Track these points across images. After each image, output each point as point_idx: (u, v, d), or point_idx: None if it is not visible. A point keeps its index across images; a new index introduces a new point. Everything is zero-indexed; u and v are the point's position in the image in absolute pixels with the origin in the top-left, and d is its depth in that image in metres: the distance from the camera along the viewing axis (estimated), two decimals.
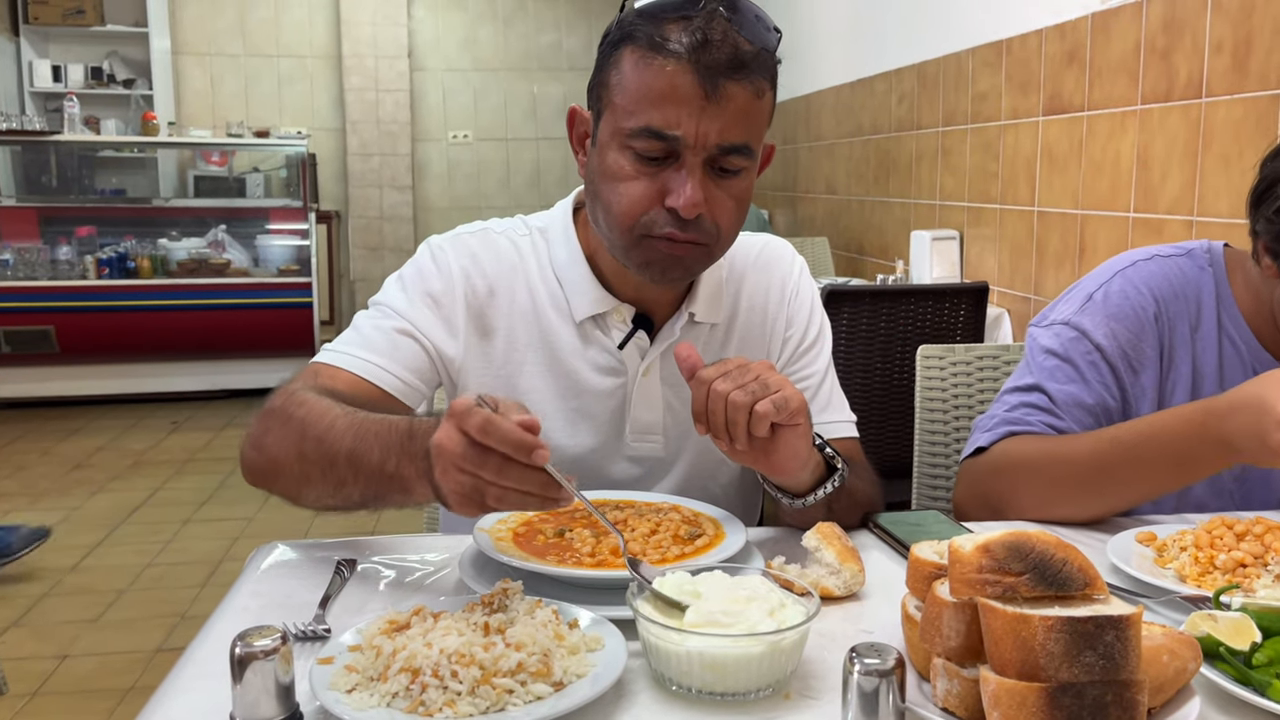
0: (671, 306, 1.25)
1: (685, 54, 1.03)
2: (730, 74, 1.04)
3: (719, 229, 1.11)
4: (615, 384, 1.24)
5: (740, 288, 1.30)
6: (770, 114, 1.13)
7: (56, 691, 2.66)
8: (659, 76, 1.05)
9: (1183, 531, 1.06)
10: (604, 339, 1.23)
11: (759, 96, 1.08)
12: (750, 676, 0.77)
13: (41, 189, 6.46)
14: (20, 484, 4.44)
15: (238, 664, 0.71)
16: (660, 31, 1.05)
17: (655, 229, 1.09)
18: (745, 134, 1.08)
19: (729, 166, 1.09)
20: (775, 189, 6.04)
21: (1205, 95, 2.36)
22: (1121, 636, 0.68)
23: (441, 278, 1.22)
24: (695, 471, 1.28)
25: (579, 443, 1.24)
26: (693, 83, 1.04)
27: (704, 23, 1.04)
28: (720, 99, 1.04)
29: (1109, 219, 2.76)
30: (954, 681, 0.75)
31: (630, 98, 1.07)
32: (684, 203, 1.06)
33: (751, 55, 1.05)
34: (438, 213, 8.35)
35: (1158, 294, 1.27)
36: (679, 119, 1.05)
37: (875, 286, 3.43)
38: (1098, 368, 1.25)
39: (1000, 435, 1.23)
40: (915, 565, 0.84)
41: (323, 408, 1.04)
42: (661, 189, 1.08)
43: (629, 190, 1.09)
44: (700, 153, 1.07)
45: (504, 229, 1.27)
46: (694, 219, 1.08)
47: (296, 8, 8.00)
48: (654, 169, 1.09)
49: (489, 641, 0.76)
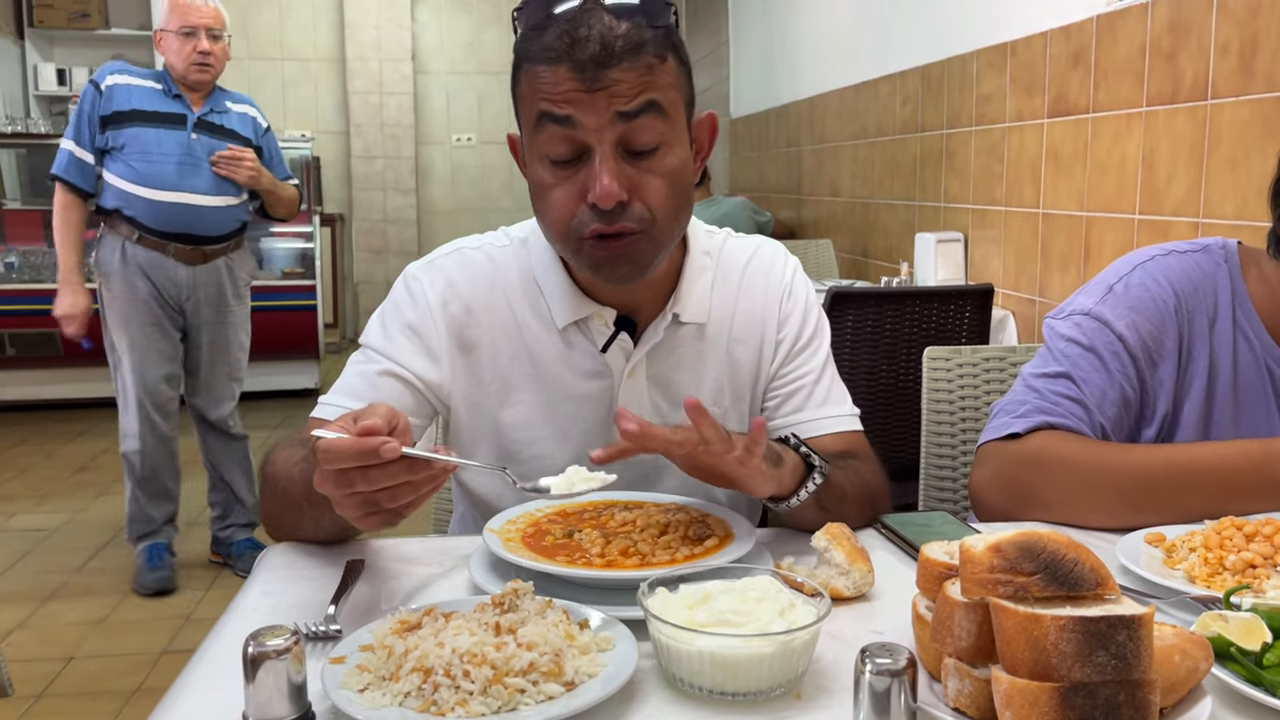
0: (655, 307, 1.24)
1: (563, 56, 1.05)
2: (606, 64, 1.04)
3: (652, 211, 1.10)
4: (601, 387, 1.24)
5: (734, 291, 1.29)
6: (680, 78, 1.11)
7: (62, 693, 2.66)
8: (545, 81, 1.06)
9: (1192, 532, 1.06)
10: (587, 344, 1.23)
11: (649, 71, 1.06)
12: (762, 676, 0.78)
13: (47, 192, 6.42)
14: (25, 486, 4.45)
15: (250, 663, 0.71)
16: (540, 43, 1.06)
17: (584, 230, 1.09)
18: (645, 96, 1.06)
19: (643, 144, 1.07)
20: (780, 191, 6.04)
21: (1211, 97, 2.36)
22: (1134, 636, 0.68)
23: (417, 308, 1.23)
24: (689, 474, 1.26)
25: (571, 448, 1.24)
26: (574, 79, 1.04)
27: (571, 24, 1.04)
28: (602, 86, 1.04)
29: (1115, 221, 2.76)
30: (965, 681, 0.75)
31: (529, 107, 1.09)
32: (599, 192, 1.06)
33: (627, 40, 1.04)
34: (441, 216, 8.36)
35: (1177, 287, 1.27)
36: (571, 111, 1.05)
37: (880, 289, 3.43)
38: (1120, 358, 1.25)
39: (1036, 424, 1.23)
40: (925, 565, 0.84)
41: (284, 462, 1.10)
42: (581, 188, 1.08)
43: (554, 198, 1.10)
44: (603, 136, 1.06)
45: (481, 243, 1.29)
46: (618, 208, 1.07)
47: (300, 11, 8.02)
48: (570, 171, 1.09)
49: (501, 641, 0.76)
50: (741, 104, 6.94)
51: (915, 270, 3.77)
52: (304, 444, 1.11)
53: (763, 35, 6.28)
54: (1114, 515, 1.17)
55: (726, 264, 1.30)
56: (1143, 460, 1.17)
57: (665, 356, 1.25)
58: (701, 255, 1.28)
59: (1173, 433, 1.27)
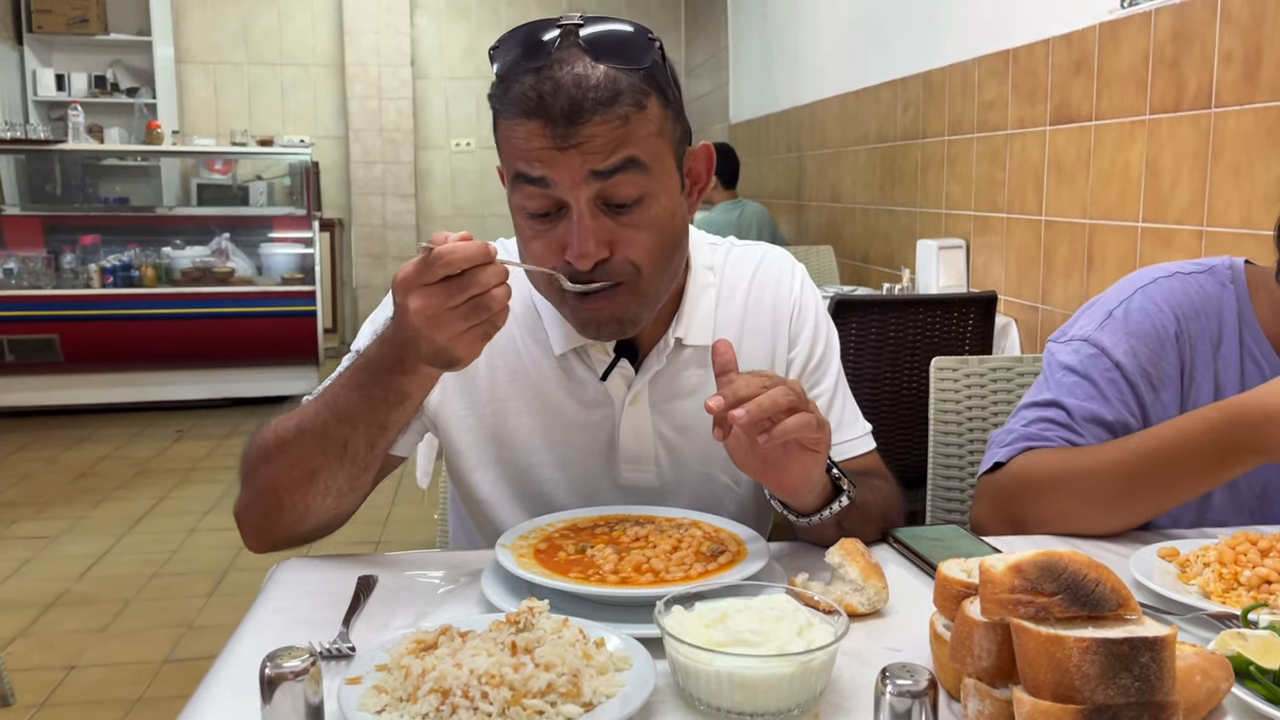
0: (657, 331, 1.20)
1: (533, 111, 1.01)
2: (576, 120, 1.00)
3: (635, 265, 1.06)
4: (602, 416, 1.21)
5: (739, 307, 1.25)
6: (665, 119, 1.07)
7: (64, 702, 2.65)
8: (518, 137, 1.03)
9: (1205, 547, 1.06)
10: (586, 372, 1.20)
11: (625, 122, 1.01)
12: (780, 697, 0.77)
13: (45, 198, 6.47)
14: (25, 493, 4.44)
15: (267, 685, 0.70)
16: (512, 93, 1.03)
17: (565, 285, 1.06)
18: (621, 154, 1.02)
19: (622, 197, 1.04)
20: (780, 197, 6.05)
21: (1215, 105, 2.36)
22: (1157, 658, 0.68)
23: None
24: (693, 501, 1.23)
25: (569, 475, 1.22)
26: (544, 136, 1.01)
27: (540, 77, 1.01)
28: (573, 144, 1.00)
29: (1118, 229, 2.76)
30: (986, 702, 0.74)
31: (506, 161, 1.07)
32: (577, 253, 1.03)
33: (599, 91, 1.00)
34: (440, 221, 8.36)
35: (1179, 311, 1.26)
36: (545, 171, 1.02)
37: (884, 296, 3.43)
38: (1117, 385, 1.24)
39: (1018, 450, 1.23)
40: (943, 584, 0.84)
41: (282, 420, 1.09)
42: (560, 244, 1.05)
43: (533, 250, 1.08)
44: (579, 193, 1.02)
45: None
46: (598, 266, 1.04)
47: (300, 16, 8.02)
48: (549, 224, 1.06)
49: (518, 662, 0.76)
50: (741, 109, 6.95)
51: (917, 277, 3.77)
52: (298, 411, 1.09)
53: (762, 40, 6.28)
54: (1105, 518, 1.17)
55: (731, 278, 1.26)
56: (1117, 457, 1.16)
57: (669, 382, 1.22)
58: (704, 272, 1.24)
59: None
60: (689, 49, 8.57)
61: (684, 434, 1.22)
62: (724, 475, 1.25)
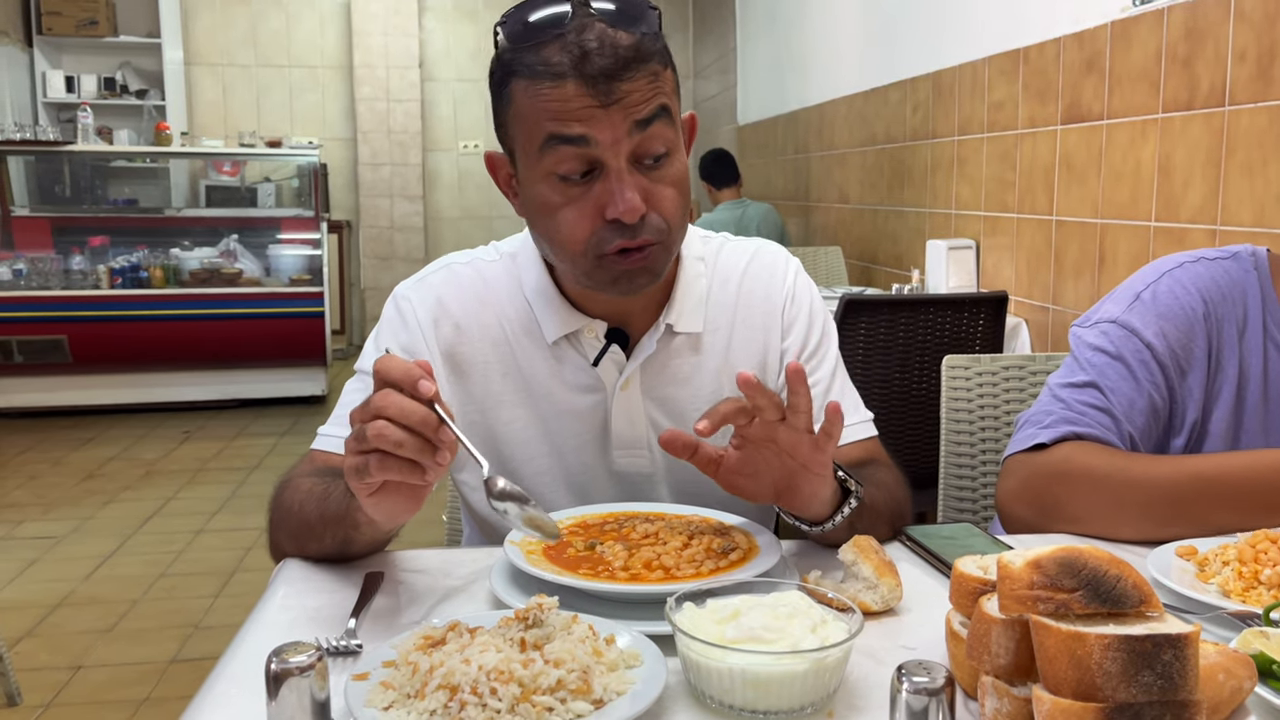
0: (649, 318, 1.22)
1: (569, 72, 1.02)
2: (619, 76, 1.02)
3: (667, 222, 1.09)
4: (594, 401, 1.22)
5: (731, 298, 1.26)
6: (676, 83, 1.11)
7: (71, 703, 2.65)
8: (552, 100, 1.03)
9: (1224, 546, 1.04)
10: (578, 358, 1.21)
11: (655, 78, 1.06)
12: (794, 694, 0.76)
13: (55, 199, 6.49)
14: (32, 494, 4.45)
15: (273, 680, 0.69)
16: (540, 57, 1.04)
17: (605, 246, 1.07)
18: (656, 105, 1.06)
19: (654, 151, 1.07)
20: (788, 198, 6.03)
21: (1228, 104, 2.34)
22: (1180, 656, 0.66)
23: (408, 330, 1.22)
24: (686, 485, 1.24)
25: (564, 463, 1.23)
26: (586, 95, 1.02)
27: (577, 35, 1.02)
28: (617, 99, 1.03)
29: (1129, 228, 2.74)
30: (1004, 700, 0.73)
31: (531, 125, 1.06)
32: (624, 209, 1.04)
33: (633, 50, 1.03)
34: (448, 222, 8.36)
35: (1206, 295, 1.25)
36: (582, 126, 1.03)
37: (894, 296, 3.41)
38: (1148, 366, 1.23)
39: (1062, 434, 1.21)
40: (959, 581, 0.82)
41: (302, 487, 1.10)
42: (596, 205, 1.06)
43: (565, 217, 1.08)
44: (620, 150, 1.05)
45: (470, 259, 1.27)
46: (640, 221, 1.06)
47: (308, 18, 8.03)
48: (582, 188, 1.07)
49: (527, 658, 0.74)
50: (749, 111, 6.93)
51: (926, 277, 3.75)
52: (317, 474, 1.11)
53: (770, 42, 6.27)
54: (1142, 529, 1.15)
55: (724, 270, 1.27)
56: (1169, 473, 1.15)
57: (660, 369, 1.23)
58: (695, 262, 1.25)
59: (1201, 442, 1.25)
60: (697, 50, 8.56)
61: (676, 420, 1.23)
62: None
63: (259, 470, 4.78)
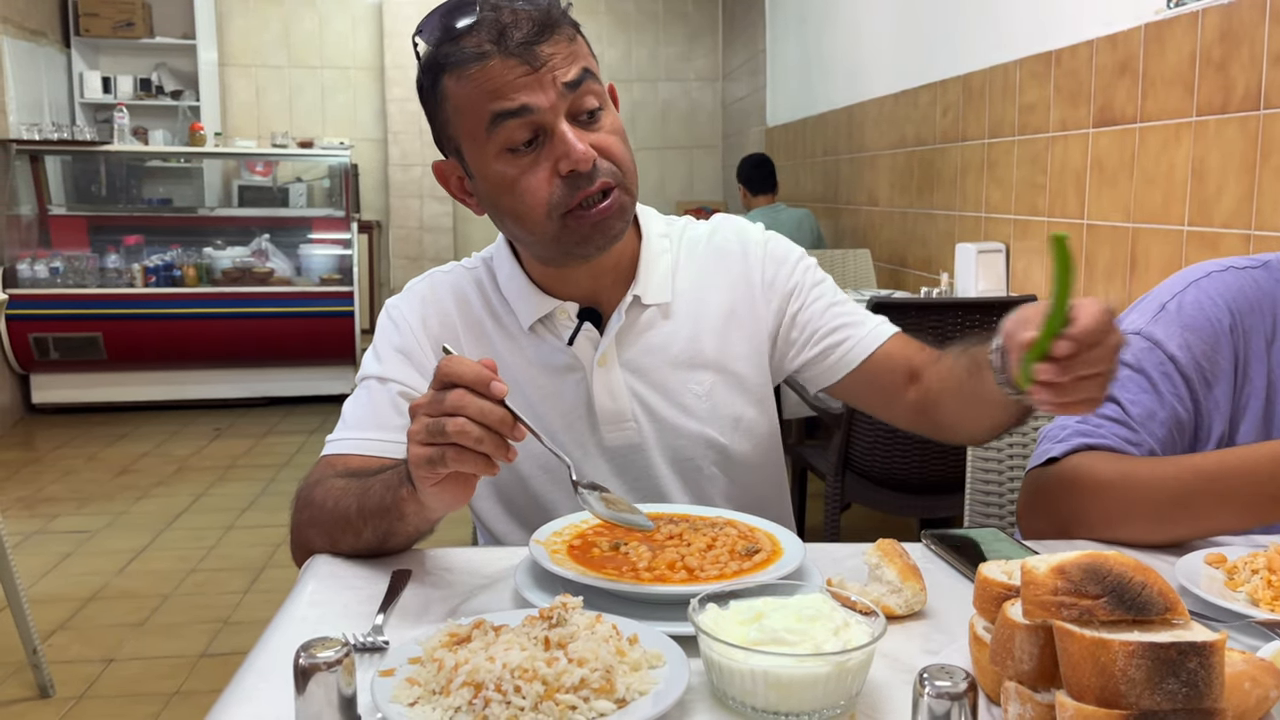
0: (617, 294, 1.27)
1: (493, 50, 1.10)
2: (537, 40, 1.10)
3: (617, 164, 1.16)
4: (575, 380, 1.27)
5: (699, 265, 1.31)
6: (591, 51, 1.18)
7: (102, 695, 2.69)
8: (484, 79, 1.10)
9: (1254, 554, 1.03)
10: (554, 339, 1.27)
11: (572, 40, 1.14)
12: (816, 697, 0.76)
13: (91, 198, 6.59)
14: (67, 488, 4.51)
15: (301, 675, 0.70)
16: (461, 47, 1.11)
17: (569, 201, 1.13)
18: (579, 65, 1.13)
19: (587, 107, 1.14)
20: (817, 200, 6.01)
21: (1264, 107, 2.31)
22: (1205, 664, 0.66)
23: (401, 333, 1.28)
24: (678, 455, 1.29)
25: (558, 444, 1.24)
26: (513, 65, 1.09)
27: (491, 15, 1.10)
28: (542, 62, 1.10)
29: (1162, 232, 2.71)
30: (1026, 706, 0.73)
31: (473, 110, 1.12)
32: (576, 156, 1.11)
33: (544, 15, 1.11)
34: (476, 224, 8.39)
35: (1233, 306, 1.23)
36: (520, 96, 1.10)
37: (923, 299, 3.40)
38: (1171, 379, 1.21)
39: (1073, 447, 1.20)
40: (983, 586, 0.82)
41: (335, 485, 1.12)
42: (549, 166, 1.13)
43: (524, 185, 1.14)
44: (558, 110, 1.11)
45: (450, 268, 1.35)
46: (593, 168, 1.12)
47: (340, 20, 8.10)
48: (531, 154, 1.13)
49: (551, 656, 0.75)
50: (778, 113, 6.92)
51: (956, 281, 3.73)
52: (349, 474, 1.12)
53: (800, 44, 6.26)
54: (1154, 531, 1.14)
55: (689, 243, 1.33)
56: (1173, 473, 1.14)
57: (633, 340, 1.27)
58: (659, 239, 1.31)
59: None
60: (726, 52, 8.56)
61: (656, 389, 1.28)
62: (703, 426, 1.29)
63: (288, 468, 4.83)
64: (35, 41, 6.45)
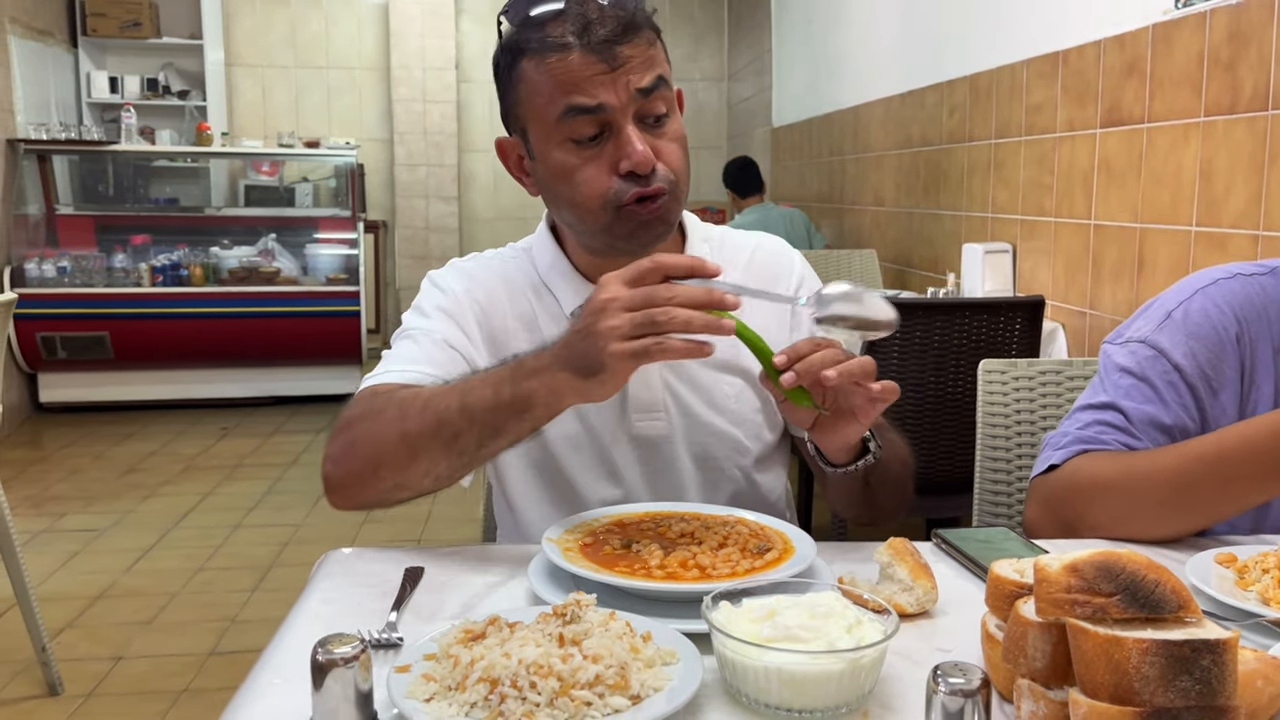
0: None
1: (575, 43, 1.12)
2: (620, 41, 1.12)
3: (674, 172, 1.18)
4: None
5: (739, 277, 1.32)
6: (667, 55, 1.20)
7: (111, 693, 2.70)
8: (561, 70, 1.12)
9: (1265, 553, 1.03)
10: None
11: (652, 45, 1.16)
12: (829, 694, 0.76)
13: (98, 198, 6.60)
14: (75, 487, 4.53)
15: (318, 671, 0.71)
16: (545, 34, 1.13)
17: (622, 199, 1.16)
18: (655, 72, 1.15)
19: (656, 111, 1.16)
20: (822, 200, 6.01)
21: (1272, 107, 2.31)
22: (1218, 661, 0.66)
23: (447, 297, 1.29)
24: (704, 452, 1.30)
25: (587, 427, 1.28)
26: (593, 62, 1.12)
27: (578, 8, 1.12)
28: (621, 64, 1.12)
29: (1169, 232, 2.71)
30: (1040, 704, 0.73)
31: (546, 98, 1.15)
32: (637, 159, 1.13)
33: (629, 17, 1.13)
34: (483, 223, 8.41)
35: (1240, 313, 1.23)
36: (596, 94, 1.12)
37: (929, 300, 3.40)
38: (1176, 388, 1.21)
39: (1074, 453, 1.21)
40: (996, 584, 0.82)
41: (416, 389, 1.11)
42: (610, 162, 1.16)
43: (583, 176, 1.17)
44: (627, 111, 1.14)
45: (494, 253, 1.37)
46: (651, 171, 1.15)
47: (346, 20, 8.11)
48: (595, 149, 1.16)
49: (566, 653, 0.76)
50: (784, 113, 6.92)
51: (962, 281, 3.73)
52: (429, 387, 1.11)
53: (806, 44, 6.26)
54: (1161, 524, 1.14)
55: (730, 251, 1.35)
56: (1173, 462, 1.13)
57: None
58: (700, 243, 1.34)
59: None
60: (732, 52, 8.56)
61: (689, 385, 1.29)
62: (732, 427, 1.30)
63: (295, 467, 4.84)
64: (42, 41, 6.47)
